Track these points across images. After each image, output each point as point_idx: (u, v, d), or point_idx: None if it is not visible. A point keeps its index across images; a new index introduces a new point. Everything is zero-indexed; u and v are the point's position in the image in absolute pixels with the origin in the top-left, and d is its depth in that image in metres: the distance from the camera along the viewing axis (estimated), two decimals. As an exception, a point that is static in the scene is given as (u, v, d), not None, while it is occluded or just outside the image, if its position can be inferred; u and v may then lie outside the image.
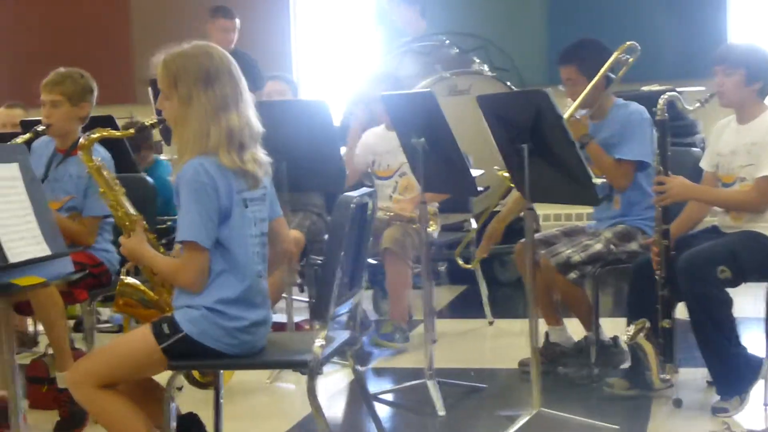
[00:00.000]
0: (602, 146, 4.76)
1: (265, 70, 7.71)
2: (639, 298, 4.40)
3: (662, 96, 4.23)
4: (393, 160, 5.71)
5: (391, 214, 5.56)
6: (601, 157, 4.71)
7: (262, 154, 3.35)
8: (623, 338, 4.22)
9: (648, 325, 4.14)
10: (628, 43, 4.81)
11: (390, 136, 5.68)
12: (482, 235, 5.45)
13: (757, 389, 4.21)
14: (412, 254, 5.49)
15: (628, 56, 4.81)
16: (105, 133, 3.60)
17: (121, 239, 3.40)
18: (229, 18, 7.88)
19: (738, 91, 4.31)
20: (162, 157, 7.21)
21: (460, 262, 5.98)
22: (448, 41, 7.39)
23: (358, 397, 4.69)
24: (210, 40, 4.09)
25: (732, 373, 4.17)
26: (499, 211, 6.28)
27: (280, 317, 5.32)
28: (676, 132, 5.63)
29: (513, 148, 4.12)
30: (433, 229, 5.52)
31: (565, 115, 4.83)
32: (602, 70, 4.75)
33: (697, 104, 4.29)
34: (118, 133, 3.73)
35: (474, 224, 6.14)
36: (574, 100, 4.80)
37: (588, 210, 6.91)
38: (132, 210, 3.50)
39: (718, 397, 4.21)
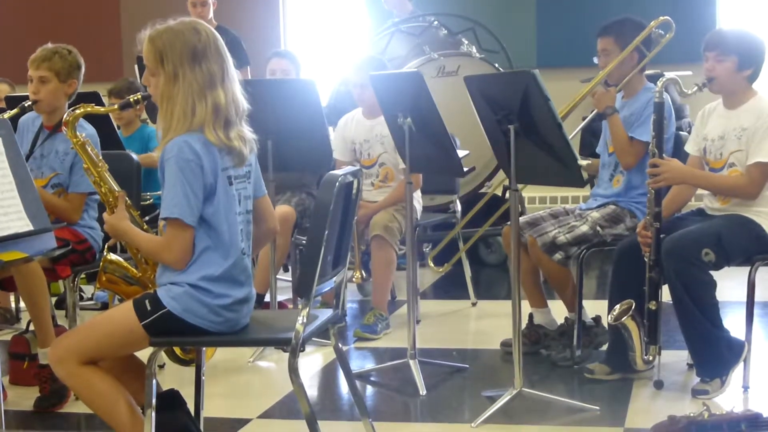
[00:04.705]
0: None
1: (255, 51, 7.69)
2: (622, 281, 4.41)
3: (660, 79, 4.22)
4: (372, 149, 5.68)
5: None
6: (619, 130, 4.72)
7: (247, 132, 3.35)
8: (608, 318, 4.23)
9: (633, 305, 4.15)
10: (661, 18, 4.80)
11: (368, 124, 5.67)
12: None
13: (737, 372, 4.23)
14: (399, 238, 5.49)
15: (662, 32, 4.80)
16: (89, 109, 3.58)
17: (105, 216, 3.39)
18: None
19: (730, 78, 4.31)
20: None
21: (432, 264, 6.00)
22: (436, 23, 7.37)
23: (340, 375, 4.71)
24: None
25: (713, 355, 4.19)
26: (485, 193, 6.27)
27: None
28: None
29: (499, 130, 4.12)
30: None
31: (589, 84, 4.84)
32: (634, 42, 4.73)
33: (695, 88, 4.28)
34: (102, 109, 3.73)
35: (459, 206, 6.14)
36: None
37: (576, 193, 6.92)
38: (115, 186, 3.50)
39: (698, 380, 4.23)
